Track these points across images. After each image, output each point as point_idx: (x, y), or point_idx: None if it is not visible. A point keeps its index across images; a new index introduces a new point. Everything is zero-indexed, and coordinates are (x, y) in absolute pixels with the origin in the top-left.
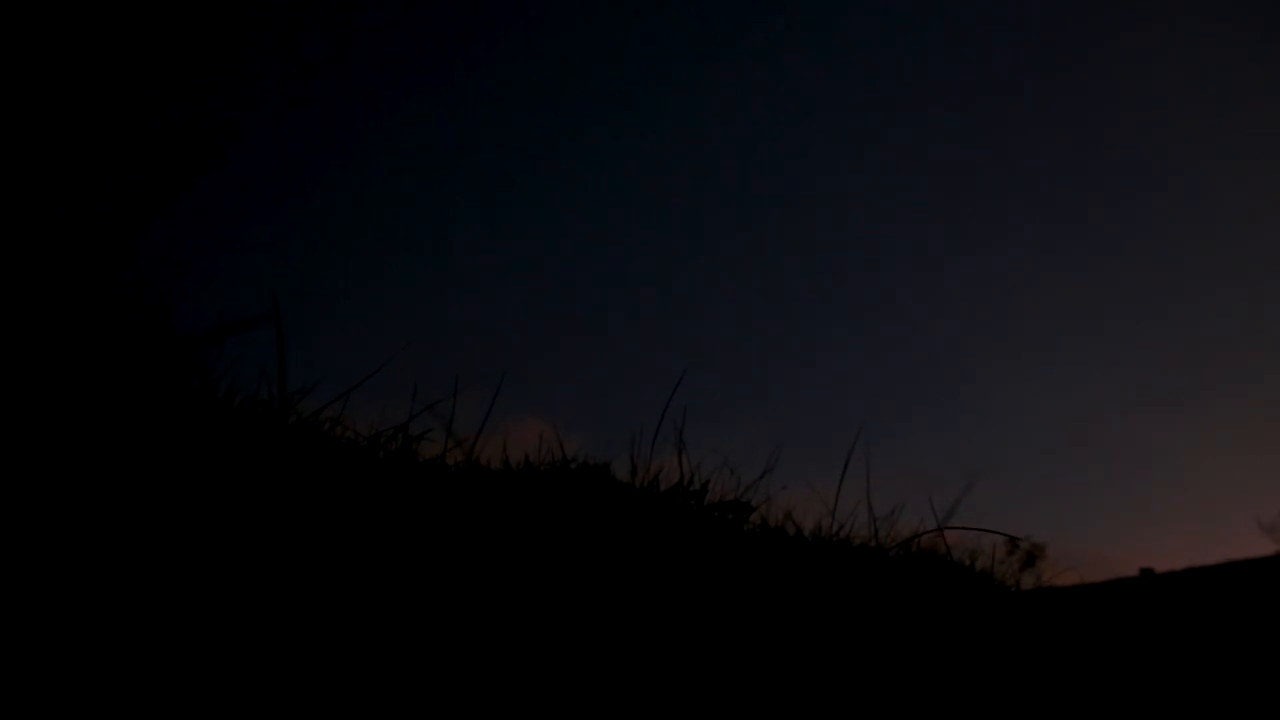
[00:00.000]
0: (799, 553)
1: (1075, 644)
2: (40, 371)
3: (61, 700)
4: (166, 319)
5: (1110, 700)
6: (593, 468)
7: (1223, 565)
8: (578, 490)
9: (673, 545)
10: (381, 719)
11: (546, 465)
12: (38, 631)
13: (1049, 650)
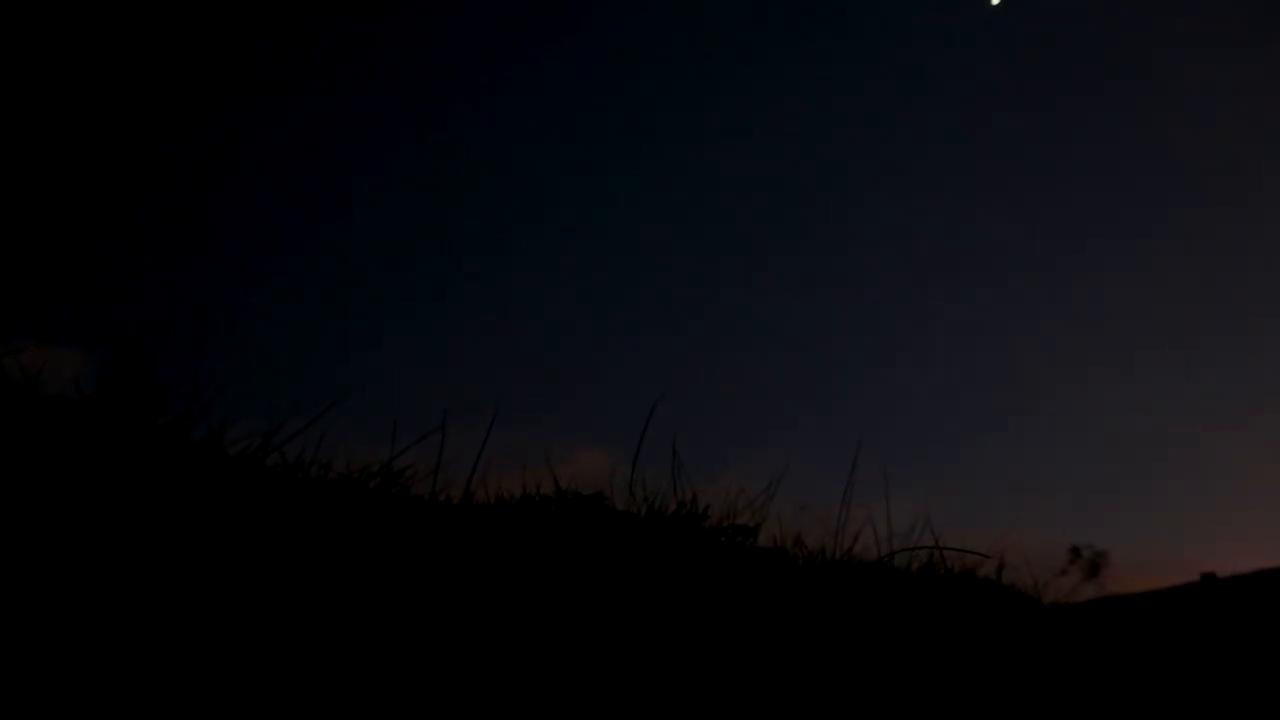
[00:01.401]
0: (801, 576)
1: (1099, 660)
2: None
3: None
4: (143, 363)
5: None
6: (587, 497)
7: None
8: (572, 521)
9: (667, 572)
10: None
11: (541, 497)
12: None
13: (1064, 672)
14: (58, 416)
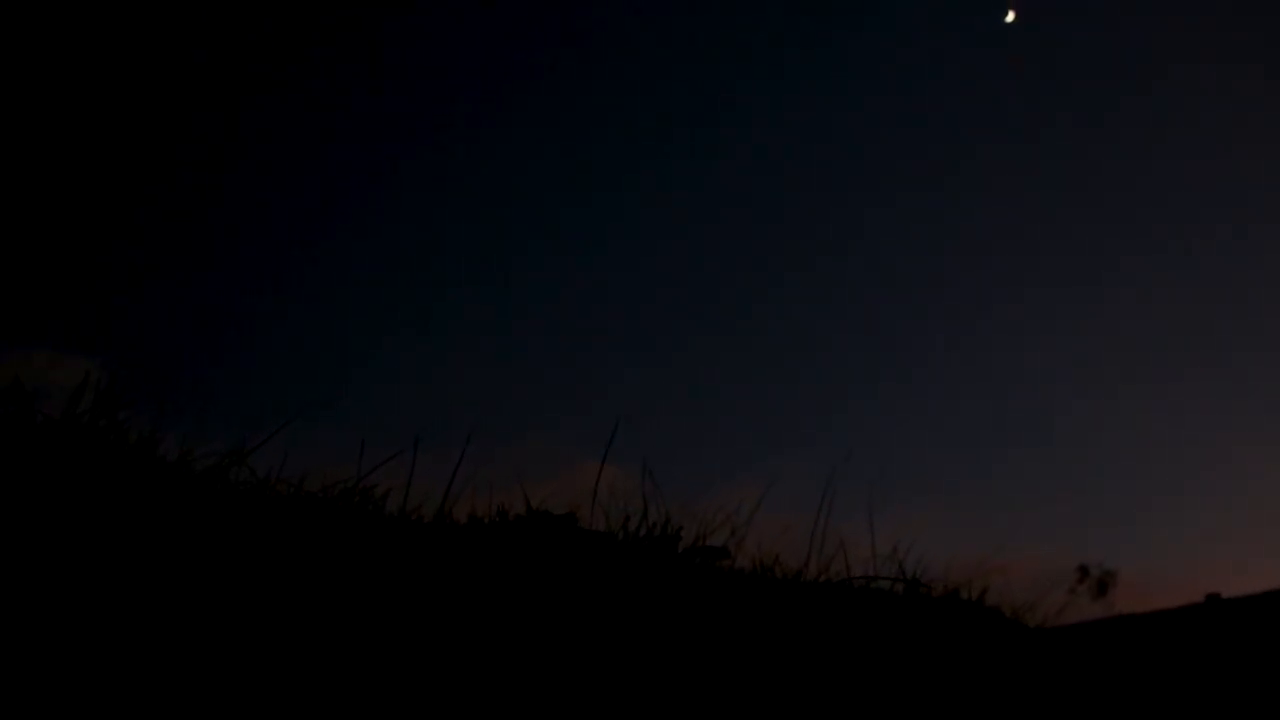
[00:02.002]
0: (773, 599)
1: (1077, 686)
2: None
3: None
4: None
5: None
6: (558, 517)
7: None
8: (540, 542)
9: (629, 595)
10: None
11: (515, 517)
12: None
13: (1037, 698)
14: (14, 436)
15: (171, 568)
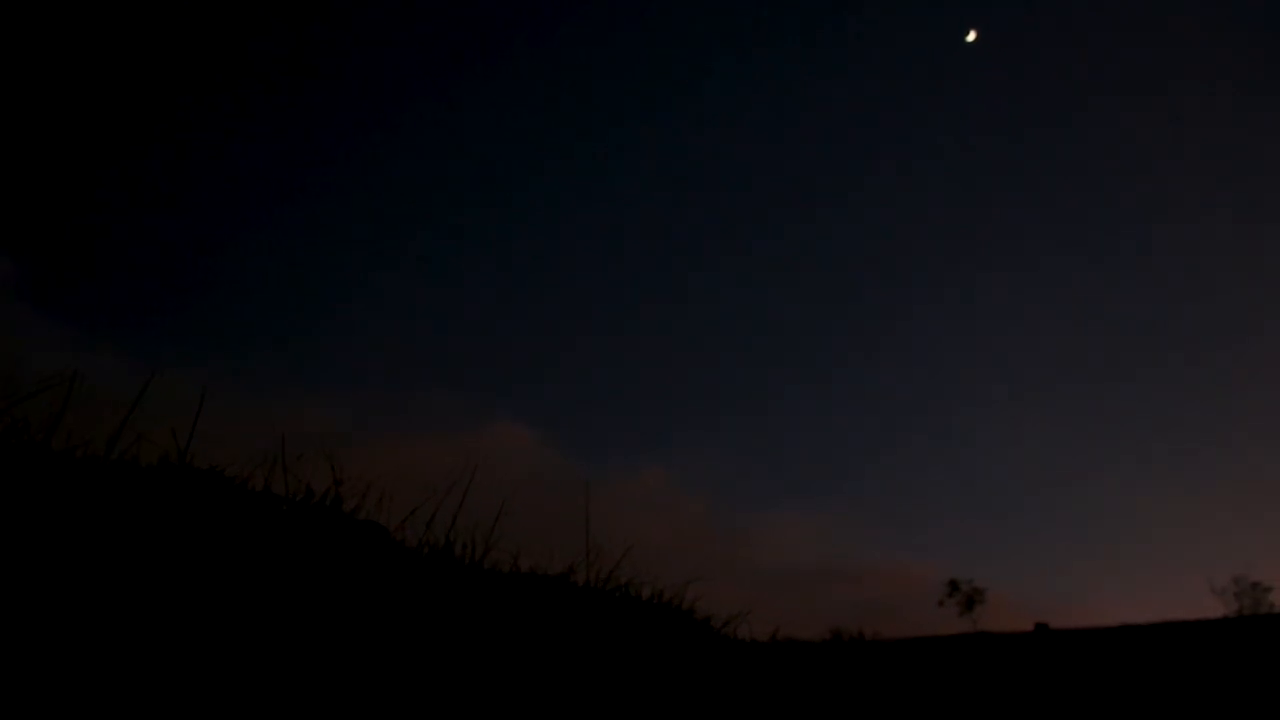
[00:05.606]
0: (409, 571)
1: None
2: None
3: None
4: None
5: None
6: (212, 473)
7: (1127, 627)
8: (185, 496)
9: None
10: None
11: (181, 469)
12: None
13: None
14: None
15: None
